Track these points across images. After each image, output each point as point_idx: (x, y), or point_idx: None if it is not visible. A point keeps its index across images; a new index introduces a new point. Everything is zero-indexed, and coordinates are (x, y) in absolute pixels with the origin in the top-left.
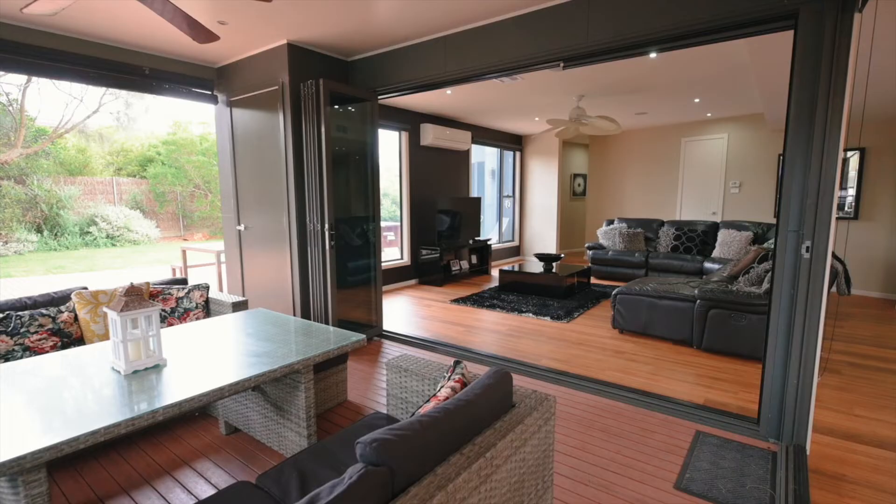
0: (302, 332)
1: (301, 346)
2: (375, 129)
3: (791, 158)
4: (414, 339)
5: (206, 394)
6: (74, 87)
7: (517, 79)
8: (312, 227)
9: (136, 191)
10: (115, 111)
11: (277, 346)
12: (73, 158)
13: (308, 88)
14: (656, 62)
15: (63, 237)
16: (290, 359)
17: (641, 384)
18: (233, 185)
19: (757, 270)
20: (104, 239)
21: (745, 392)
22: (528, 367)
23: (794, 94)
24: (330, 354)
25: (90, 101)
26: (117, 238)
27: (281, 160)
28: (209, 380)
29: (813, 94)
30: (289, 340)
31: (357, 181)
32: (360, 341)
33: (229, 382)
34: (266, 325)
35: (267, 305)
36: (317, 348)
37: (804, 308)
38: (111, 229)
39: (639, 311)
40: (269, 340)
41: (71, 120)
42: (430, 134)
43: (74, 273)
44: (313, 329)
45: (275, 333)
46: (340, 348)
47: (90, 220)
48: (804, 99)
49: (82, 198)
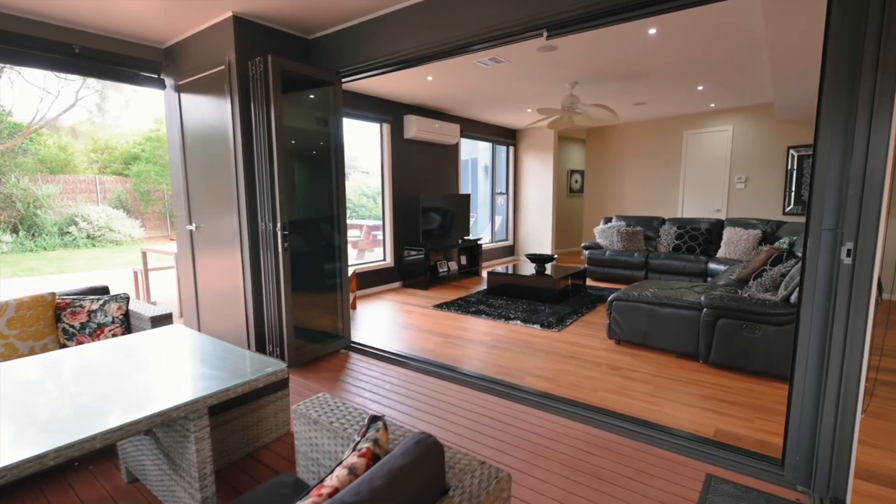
0: (212, 361)
1: (200, 382)
2: (340, 118)
3: (824, 140)
4: (384, 352)
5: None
6: (49, 81)
7: (502, 61)
8: (264, 227)
9: (121, 189)
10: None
11: (167, 383)
12: (53, 156)
13: (256, 67)
14: (656, 41)
15: (41, 238)
16: (167, 403)
17: (640, 409)
18: (183, 179)
19: (771, 274)
20: (84, 239)
21: (762, 420)
22: (508, 389)
23: (831, 56)
24: (228, 394)
25: (66, 96)
26: (98, 238)
27: (230, 151)
28: (27, 439)
29: (855, 53)
30: (185, 374)
31: (320, 177)
32: (276, 373)
33: (52, 448)
34: (171, 350)
35: (220, 313)
36: (216, 384)
37: (844, 325)
38: (92, 229)
39: (637, 320)
40: (163, 373)
41: (45, 116)
42: (413, 126)
43: (43, 276)
44: (228, 357)
45: (175, 363)
46: (248, 383)
47: (70, 219)
48: (844, 61)
49: (62, 196)
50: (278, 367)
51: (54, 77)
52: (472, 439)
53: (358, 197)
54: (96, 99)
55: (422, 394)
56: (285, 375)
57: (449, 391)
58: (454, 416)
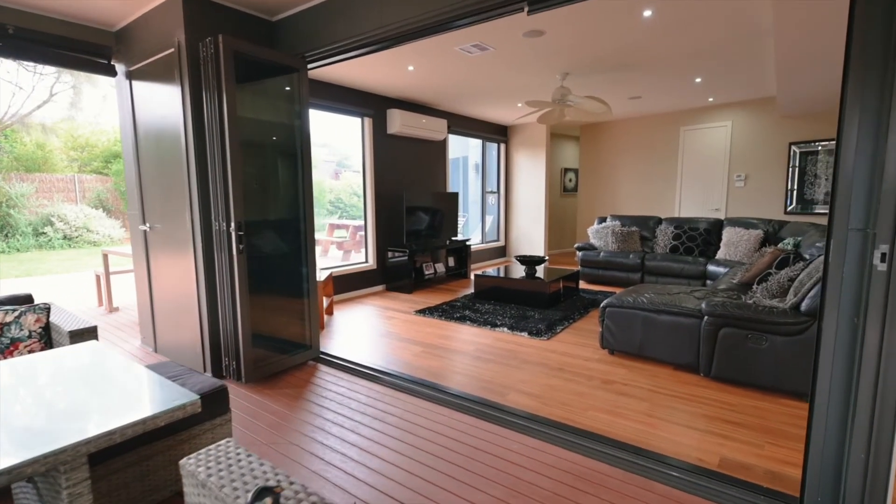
0: (111, 392)
1: (77, 423)
2: (306, 109)
3: (850, 129)
4: (355, 365)
5: None
6: (21, 75)
7: (487, 48)
8: (218, 228)
9: (101, 188)
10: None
11: (39, 424)
12: (30, 154)
13: (206, 49)
14: (652, 27)
15: (14, 238)
16: (23, 454)
17: (635, 433)
18: (136, 175)
19: (777, 278)
20: (60, 240)
21: (773, 445)
22: (489, 409)
23: (857, 37)
24: (113, 439)
25: (41, 92)
26: (75, 239)
27: (181, 144)
28: None
29: (888, 32)
30: (70, 411)
31: (284, 173)
32: (184, 407)
33: None
34: (70, 376)
35: (176, 322)
36: (98, 426)
37: (878, 340)
38: (69, 230)
39: (632, 328)
40: (42, 409)
41: (18, 112)
42: (397, 121)
43: (8, 279)
44: (134, 386)
45: (65, 395)
46: (143, 423)
47: (46, 219)
48: (874, 41)
49: (37, 196)
50: (188, 399)
51: (27, 71)
52: (441, 471)
53: (349, 196)
54: (70, 95)
55: (391, 413)
56: (197, 409)
57: (422, 411)
58: (424, 442)
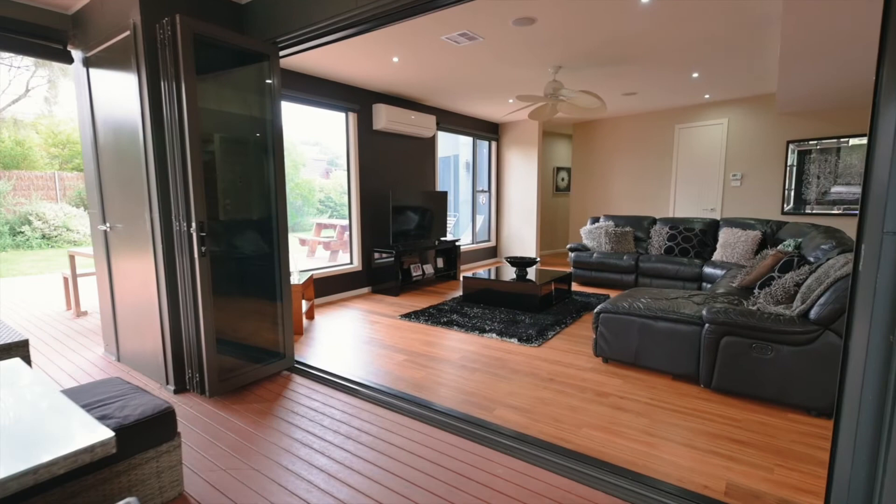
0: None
1: None
2: (278, 100)
3: (886, 122)
4: (332, 376)
5: None
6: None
7: (476, 38)
8: (179, 228)
9: (82, 186)
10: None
11: None
12: (8, 150)
13: (164, 31)
14: (649, 15)
15: None
16: None
17: (633, 454)
18: (95, 170)
19: (782, 282)
20: (38, 240)
21: (783, 468)
22: (473, 427)
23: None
24: None
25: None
26: (54, 239)
27: (139, 138)
28: None
29: None
30: None
31: (255, 170)
32: (92, 449)
33: None
34: None
35: (138, 330)
36: None
37: None
38: (47, 229)
39: (628, 336)
40: None
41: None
42: (383, 116)
43: None
44: (39, 422)
45: None
46: (37, 472)
47: (24, 218)
48: None
49: (14, 194)
50: (99, 439)
51: (1, 64)
52: (416, 502)
53: (339, 196)
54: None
55: (367, 432)
56: (110, 451)
57: (400, 429)
58: (400, 466)
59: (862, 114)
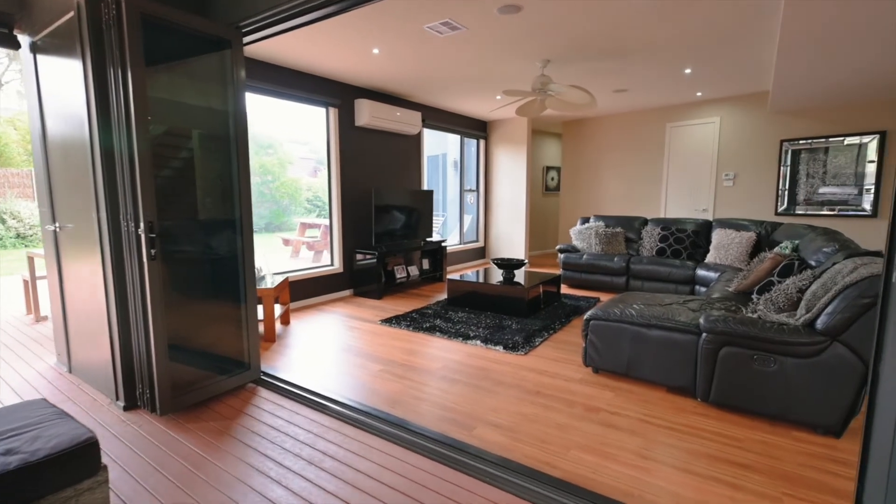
0: None
1: None
2: (242, 91)
3: None
4: (300, 390)
5: None
6: None
7: (459, 28)
8: (127, 229)
9: None
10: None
11: None
12: None
13: (109, 11)
14: (642, 3)
15: None
16: None
17: (627, 482)
18: (44, 166)
19: (783, 288)
20: (13, 239)
21: (793, 497)
22: (451, 450)
23: None
24: None
25: None
26: (30, 238)
27: (84, 130)
28: None
29: None
30: None
31: (215, 167)
32: None
33: None
34: None
35: (89, 339)
36: None
37: None
38: (22, 228)
39: (620, 345)
40: None
41: None
42: (366, 112)
43: None
44: None
45: None
46: None
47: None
48: None
49: None
50: None
51: None
52: None
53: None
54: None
55: (332, 456)
56: None
57: (369, 451)
58: (364, 499)
59: (858, 113)
